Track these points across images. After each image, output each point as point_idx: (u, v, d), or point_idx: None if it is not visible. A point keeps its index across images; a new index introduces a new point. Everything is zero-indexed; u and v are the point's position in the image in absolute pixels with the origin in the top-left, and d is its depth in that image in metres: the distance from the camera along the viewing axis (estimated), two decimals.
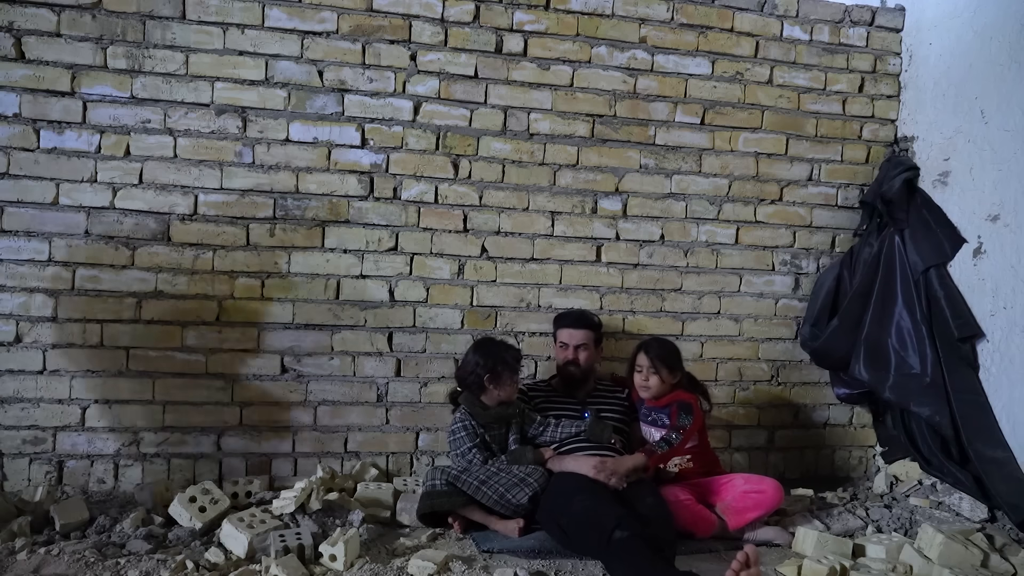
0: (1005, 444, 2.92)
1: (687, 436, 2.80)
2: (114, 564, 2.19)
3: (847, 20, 3.51)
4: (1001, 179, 3.04)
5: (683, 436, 2.78)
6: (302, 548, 2.28)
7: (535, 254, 3.24)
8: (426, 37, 3.10)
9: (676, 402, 2.88)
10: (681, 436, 2.77)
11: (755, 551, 2.07)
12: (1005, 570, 2.44)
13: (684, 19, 3.33)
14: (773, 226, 3.49)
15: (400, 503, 2.75)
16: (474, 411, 2.78)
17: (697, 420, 2.86)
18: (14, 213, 2.81)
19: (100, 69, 2.85)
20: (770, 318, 3.51)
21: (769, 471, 3.40)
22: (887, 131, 3.59)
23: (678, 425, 2.81)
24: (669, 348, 2.96)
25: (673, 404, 2.88)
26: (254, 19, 2.95)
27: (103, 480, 2.89)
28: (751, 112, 3.42)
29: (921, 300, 3.21)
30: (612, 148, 3.30)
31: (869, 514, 2.96)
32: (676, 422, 2.83)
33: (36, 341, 2.83)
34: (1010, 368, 2.95)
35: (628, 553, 2.20)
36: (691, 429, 2.81)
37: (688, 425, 2.80)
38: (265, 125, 2.98)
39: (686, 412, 2.84)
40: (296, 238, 3.03)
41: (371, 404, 3.11)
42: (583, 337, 2.99)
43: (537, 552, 2.45)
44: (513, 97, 3.19)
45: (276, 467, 3.04)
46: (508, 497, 2.55)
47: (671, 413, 2.87)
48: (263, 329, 3.01)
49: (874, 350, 3.25)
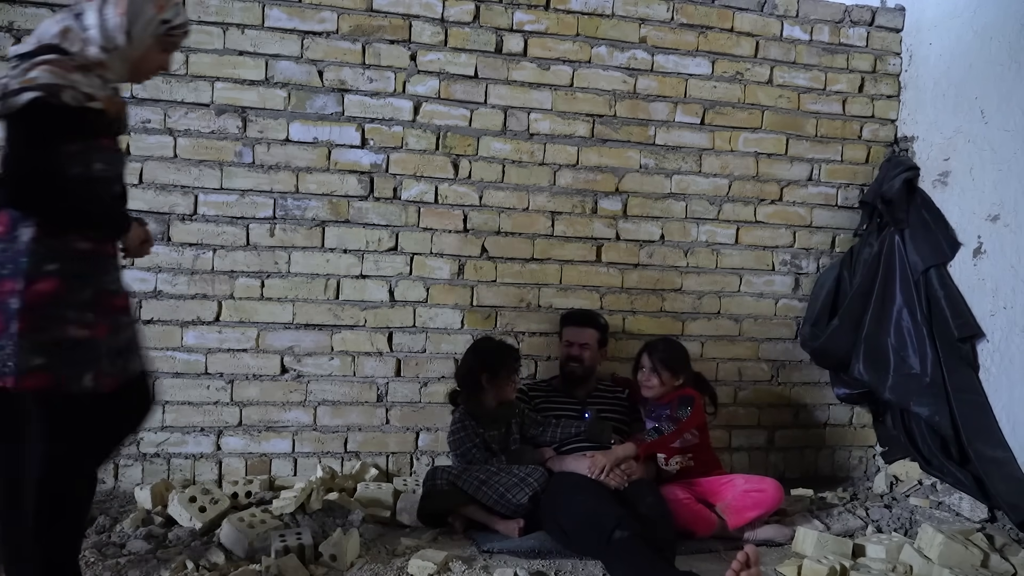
0: (1005, 444, 2.91)
1: (681, 428, 2.80)
2: (114, 564, 2.19)
3: (847, 20, 3.51)
4: (1001, 179, 3.04)
5: (676, 427, 2.78)
6: (302, 548, 2.28)
7: (535, 254, 3.24)
8: (426, 37, 3.10)
9: (678, 396, 2.89)
10: (673, 427, 2.78)
11: (755, 551, 2.07)
12: (1005, 570, 2.44)
13: (684, 19, 3.33)
14: (773, 226, 3.49)
15: (400, 503, 2.75)
16: (473, 411, 2.78)
17: (697, 417, 2.86)
18: None
19: None
20: (770, 318, 3.51)
21: (769, 471, 3.40)
22: (887, 131, 3.59)
23: (675, 416, 2.82)
24: (674, 351, 2.97)
25: (675, 399, 2.89)
26: (254, 19, 2.95)
27: (103, 480, 2.88)
28: (751, 112, 3.42)
29: (921, 300, 3.21)
30: (612, 148, 3.30)
31: (869, 514, 2.96)
32: (673, 414, 2.84)
33: None
34: (1010, 368, 2.95)
35: (628, 553, 2.21)
36: (687, 422, 2.81)
37: (684, 417, 2.80)
38: (265, 125, 2.98)
39: (685, 405, 2.85)
40: (296, 238, 3.03)
41: (371, 404, 3.11)
42: (588, 336, 2.99)
43: (537, 552, 2.45)
44: (513, 97, 3.19)
45: (276, 467, 3.04)
46: (508, 497, 2.55)
47: (672, 407, 2.88)
48: (263, 329, 3.01)
49: (874, 350, 3.25)
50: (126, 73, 1.82)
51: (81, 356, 1.66)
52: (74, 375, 1.64)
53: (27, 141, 1.62)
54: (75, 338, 1.65)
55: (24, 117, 1.60)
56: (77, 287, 1.67)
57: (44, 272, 1.63)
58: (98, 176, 1.75)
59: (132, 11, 1.73)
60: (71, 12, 1.74)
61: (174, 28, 1.83)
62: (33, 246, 1.62)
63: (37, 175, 1.62)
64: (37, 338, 1.61)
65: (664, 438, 2.78)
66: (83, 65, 1.68)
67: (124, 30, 1.73)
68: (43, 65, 1.62)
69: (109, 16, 1.72)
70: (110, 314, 1.75)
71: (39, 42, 1.68)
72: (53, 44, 1.68)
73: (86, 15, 1.73)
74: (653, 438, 2.77)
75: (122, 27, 1.73)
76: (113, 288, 1.80)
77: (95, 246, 1.74)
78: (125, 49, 1.75)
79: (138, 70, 1.85)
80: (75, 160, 1.69)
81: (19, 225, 1.63)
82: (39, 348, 1.61)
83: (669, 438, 2.79)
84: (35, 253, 1.62)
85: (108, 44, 1.73)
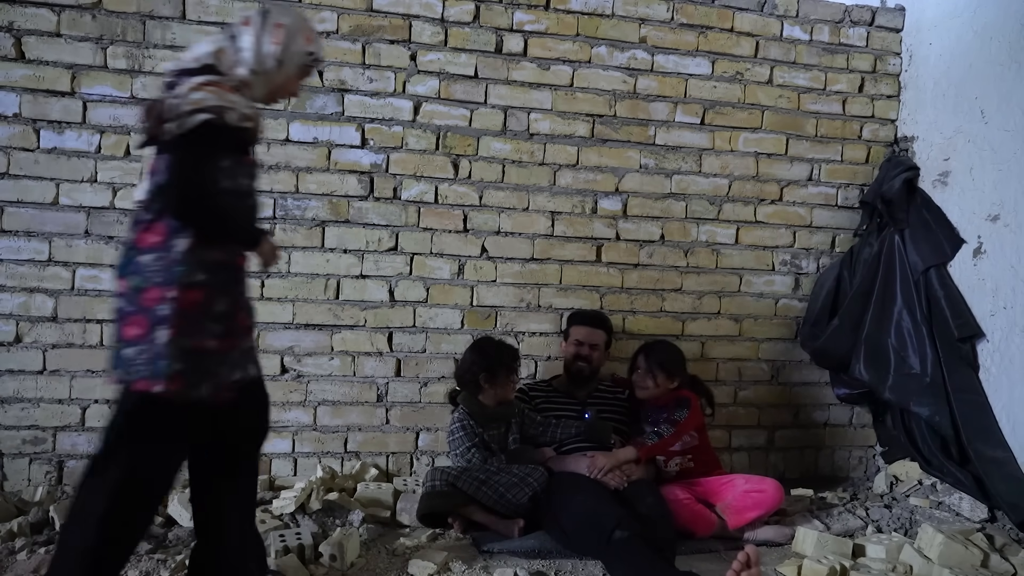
0: (1005, 444, 2.92)
1: (680, 430, 2.81)
2: None
3: (847, 20, 3.51)
4: (1001, 179, 3.04)
5: (675, 429, 2.79)
6: (302, 548, 2.28)
7: (535, 254, 3.24)
8: (426, 37, 3.10)
9: (675, 399, 2.90)
10: (672, 429, 2.79)
11: (756, 551, 2.07)
12: (1005, 570, 2.44)
13: (684, 19, 3.33)
14: (773, 226, 3.49)
15: (400, 503, 2.75)
16: (473, 411, 2.78)
17: (695, 418, 2.87)
18: (14, 213, 2.81)
19: (100, 69, 2.85)
20: (770, 318, 3.51)
21: (769, 471, 3.40)
22: (887, 131, 3.59)
23: (672, 419, 2.83)
24: (671, 354, 2.97)
25: (672, 402, 2.90)
26: None
27: None
28: (751, 112, 3.42)
29: (921, 300, 3.21)
30: (612, 148, 3.30)
31: (869, 514, 2.96)
32: (671, 416, 2.85)
33: (36, 341, 2.83)
34: (1010, 368, 2.95)
35: (628, 553, 2.21)
36: (685, 424, 2.82)
37: (682, 419, 2.81)
38: (265, 125, 2.98)
39: (683, 408, 2.85)
40: (296, 238, 3.03)
41: (371, 404, 3.11)
42: (598, 337, 3.00)
43: (537, 552, 2.45)
44: (513, 97, 3.19)
45: (276, 467, 3.04)
46: (508, 497, 2.55)
47: (669, 410, 2.90)
48: (263, 329, 3.01)
49: (874, 350, 3.25)
50: (264, 95, 1.95)
51: (206, 367, 1.75)
52: (195, 384, 1.73)
53: (196, 159, 1.74)
54: (207, 349, 1.75)
55: (196, 137, 1.72)
56: (217, 298, 1.78)
57: (195, 282, 1.73)
58: (243, 190, 1.87)
59: (286, 41, 1.89)
60: (227, 33, 1.89)
61: (316, 60, 1.99)
62: (188, 256, 1.72)
63: (205, 192, 1.75)
64: (183, 344, 1.70)
65: (664, 441, 2.78)
66: (235, 86, 1.82)
67: (276, 58, 1.88)
68: (207, 86, 1.74)
69: (265, 43, 1.87)
70: (237, 327, 1.85)
71: (196, 61, 1.81)
72: (209, 64, 1.80)
73: (241, 38, 1.87)
74: (653, 441, 2.78)
75: (275, 55, 1.88)
76: (242, 300, 1.90)
77: (231, 258, 1.85)
78: (272, 74, 1.90)
79: (275, 93, 1.98)
80: (226, 175, 1.80)
81: (175, 236, 1.73)
82: (182, 354, 1.70)
83: (669, 441, 2.80)
84: (189, 263, 1.72)
85: (258, 68, 1.87)
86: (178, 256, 1.72)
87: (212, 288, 1.76)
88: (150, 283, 1.72)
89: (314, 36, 1.97)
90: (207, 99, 1.71)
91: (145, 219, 1.77)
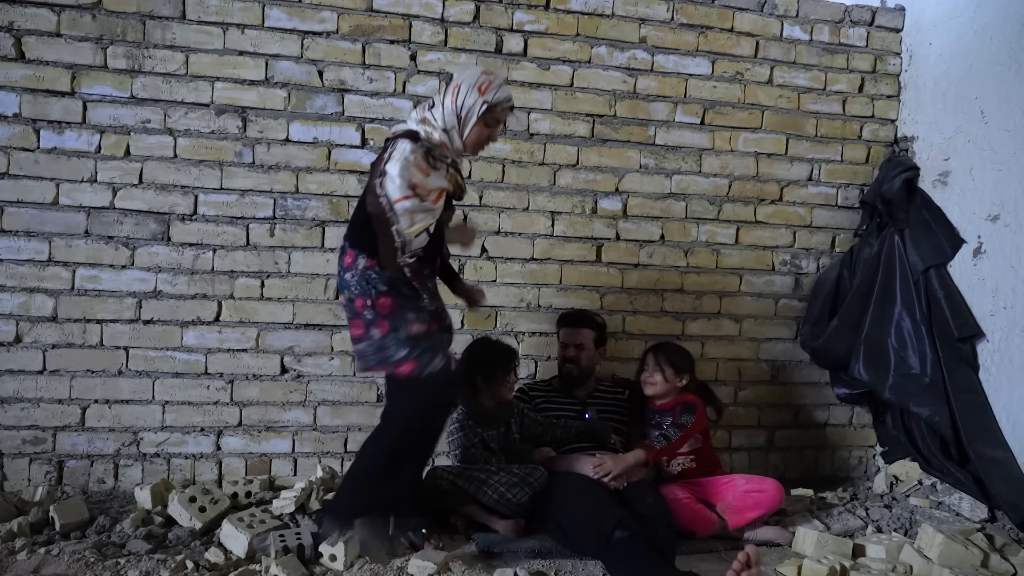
0: (1005, 444, 2.92)
1: (686, 434, 2.80)
2: (114, 564, 2.19)
3: (847, 20, 3.51)
4: (1001, 179, 3.04)
5: (682, 433, 2.78)
6: (302, 548, 2.28)
7: (535, 254, 3.24)
8: (426, 37, 3.10)
9: (681, 403, 2.89)
10: (679, 433, 2.78)
11: (756, 551, 2.06)
12: (1005, 570, 2.44)
13: (684, 19, 3.33)
14: (773, 226, 3.49)
15: None
16: (472, 411, 2.77)
17: (700, 422, 2.86)
18: (14, 213, 2.81)
19: (100, 69, 2.85)
20: (770, 318, 3.51)
21: (769, 471, 3.40)
22: (887, 131, 3.59)
23: (679, 423, 2.82)
24: (680, 352, 2.98)
25: (678, 405, 2.89)
26: (254, 19, 2.95)
27: (103, 480, 2.89)
28: (751, 112, 3.42)
29: (921, 300, 3.21)
30: (612, 148, 3.30)
31: (869, 514, 2.96)
32: (677, 420, 2.84)
33: (36, 341, 2.83)
34: (1010, 368, 2.95)
35: (628, 553, 2.20)
36: (692, 429, 2.81)
37: (688, 424, 2.81)
38: (265, 125, 2.98)
39: (689, 412, 2.85)
40: (296, 238, 3.03)
41: (371, 404, 3.11)
42: (583, 337, 2.99)
43: (537, 552, 2.45)
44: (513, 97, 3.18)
45: (276, 467, 3.04)
46: (508, 497, 2.55)
47: (675, 413, 2.88)
48: (263, 329, 3.01)
49: (874, 350, 3.25)
50: (462, 147, 2.31)
51: (429, 345, 2.18)
52: (428, 359, 2.16)
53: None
54: (420, 333, 2.18)
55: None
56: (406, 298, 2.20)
57: (380, 291, 2.18)
58: (434, 236, 2.27)
59: (459, 99, 2.26)
60: (426, 104, 2.31)
61: (493, 106, 2.29)
62: (370, 272, 2.19)
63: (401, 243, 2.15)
64: (397, 336, 2.16)
65: (671, 444, 2.77)
66: (429, 148, 2.21)
67: (455, 114, 2.26)
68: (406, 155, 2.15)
69: (447, 104, 2.26)
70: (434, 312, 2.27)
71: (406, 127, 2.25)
72: (412, 131, 2.22)
73: (436, 106, 2.27)
74: (661, 444, 2.76)
75: (454, 112, 2.25)
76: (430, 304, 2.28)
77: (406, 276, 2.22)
78: (458, 128, 2.27)
79: (470, 144, 2.33)
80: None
81: (359, 256, 2.21)
82: (400, 343, 2.16)
83: (676, 444, 2.79)
84: (371, 278, 2.19)
85: (447, 127, 2.26)
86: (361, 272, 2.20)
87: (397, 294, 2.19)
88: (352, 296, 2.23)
89: (489, 86, 2.27)
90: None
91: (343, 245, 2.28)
